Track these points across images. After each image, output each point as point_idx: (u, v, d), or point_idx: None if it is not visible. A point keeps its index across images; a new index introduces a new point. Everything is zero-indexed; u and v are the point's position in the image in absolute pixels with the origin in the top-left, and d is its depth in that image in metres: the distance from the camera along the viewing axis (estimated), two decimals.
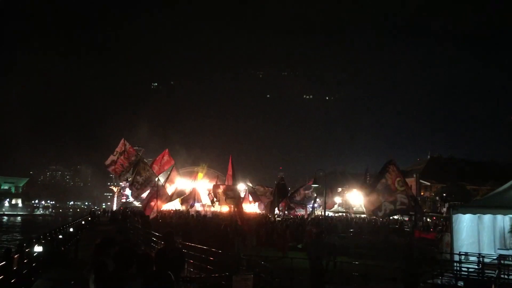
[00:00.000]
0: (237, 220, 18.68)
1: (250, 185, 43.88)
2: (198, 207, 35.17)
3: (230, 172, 24.99)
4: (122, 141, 22.14)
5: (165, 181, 25.62)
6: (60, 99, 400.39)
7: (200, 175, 42.48)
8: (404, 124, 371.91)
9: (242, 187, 48.75)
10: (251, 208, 45.01)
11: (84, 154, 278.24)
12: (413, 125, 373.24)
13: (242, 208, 24.67)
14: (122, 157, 21.34)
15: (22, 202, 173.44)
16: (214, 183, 30.98)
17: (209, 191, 32.83)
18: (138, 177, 21.03)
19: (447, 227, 21.86)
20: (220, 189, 21.80)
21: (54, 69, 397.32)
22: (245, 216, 27.21)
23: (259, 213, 39.25)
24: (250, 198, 40.77)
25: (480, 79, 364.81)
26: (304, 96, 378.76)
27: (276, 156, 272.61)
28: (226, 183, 25.04)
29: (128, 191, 54.82)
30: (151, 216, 22.18)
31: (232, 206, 23.08)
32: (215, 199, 28.25)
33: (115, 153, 21.67)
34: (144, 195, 23.83)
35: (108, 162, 22.00)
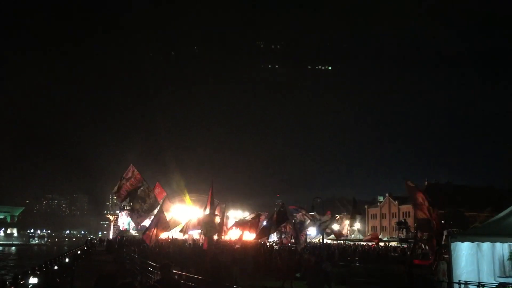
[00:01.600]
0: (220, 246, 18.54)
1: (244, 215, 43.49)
2: (195, 235, 34.82)
3: (209, 198, 24.49)
4: (130, 166, 21.96)
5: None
6: (56, 129, 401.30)
7: (188, 200, 42.20)
8: (401, 151, 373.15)
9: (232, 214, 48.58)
10: (248, 235, 44.67)
11: (80, 183, 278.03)
12: (410, 151, 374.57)
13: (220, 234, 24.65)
14: (128, 183, 21.18)
15: (18, 232, 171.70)
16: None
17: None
18: (142, 204, 20.85)
19: (440, 255, 21.74)
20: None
21: (49, 98, 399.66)
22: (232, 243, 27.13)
23: (256, 241, 38.91)
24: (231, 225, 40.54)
25: (478, 105, 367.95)
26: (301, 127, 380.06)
27: (275, 183, 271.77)
28: (204, 210, 24.78)
29: (124, 219, 54.31)
30: (150, 244, 21.94)
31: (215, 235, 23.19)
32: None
33: (121, 179, 21.51)
34: (144, 223, 23.60)
35: (115, 189, 21.85)
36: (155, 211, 21.87)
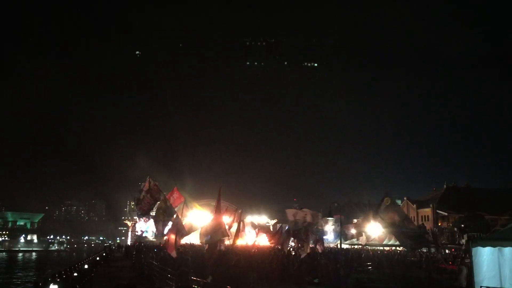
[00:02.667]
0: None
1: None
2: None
3: (216, 205, 24.43)
4: (147, 179, 22.19)
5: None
6: (74, 136, 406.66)
7: (198, 207, 42.24)
8: (419, 154, 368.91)
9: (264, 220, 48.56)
10: (263, 240, 44.65)
11: (98, 189, 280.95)
12: (428, 154, 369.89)
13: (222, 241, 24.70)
14: (148, 195, 21.43)
15: (37, 238, 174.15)
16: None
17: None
18: (164, 214, 21.07)
19: (463, 259, 21.36)
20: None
21: (66, 107, 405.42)
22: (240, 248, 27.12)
23: (271, 246, 38.80)
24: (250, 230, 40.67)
25: (497, 107, 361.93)
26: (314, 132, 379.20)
27: (291, 189, 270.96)
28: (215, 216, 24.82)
29: (142, 225, 54.74)
30: (174, 255, 21.88)
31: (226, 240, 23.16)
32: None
33: (141, 191, 21.80)
34: (165, 231, 23.79)
35: (134, 202, 22.23)
36: (174, 216, 22.01)
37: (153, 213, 22.52)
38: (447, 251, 45.33)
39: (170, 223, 22.30)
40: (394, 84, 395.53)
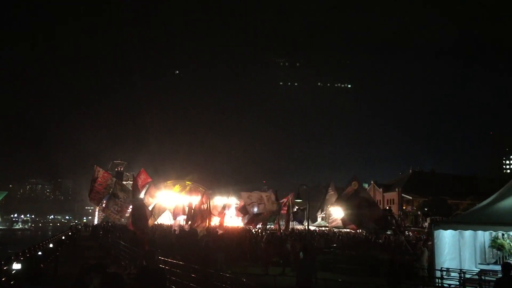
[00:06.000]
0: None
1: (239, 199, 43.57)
2: (181, 221, 34.74)
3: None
4: (95, 168, 21.95)
5: (145, 197, 25.23)
6: (41, 113, 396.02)
7: (176, 188, 41.95)
8: (386, 139, 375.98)
9: (233, 201, 48.61)
10: (234, 221, 44.83)
11: (65, 167, 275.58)
12: (395, 139, 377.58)
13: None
14: (96, 184, 21.10)
15: (1, 216, 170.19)
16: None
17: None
18: (117, 200, 20.74)
19: (425, 241, 21.93)
20: None
21: (35, 81, 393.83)
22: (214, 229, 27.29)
23: (241, 227, 39.02)
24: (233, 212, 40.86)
25: (462, 94, 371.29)
26: (290, 109, 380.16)
27: (260, 170, 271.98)
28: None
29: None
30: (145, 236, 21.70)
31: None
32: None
33: (91, 182, 21.51)
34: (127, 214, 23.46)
35: (88, 193, 21.88)
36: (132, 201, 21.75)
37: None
38: (410, 233, 46.54)
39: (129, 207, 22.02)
40: (360, 71, 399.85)
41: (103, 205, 22.44)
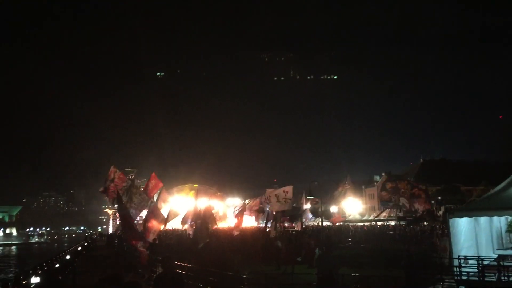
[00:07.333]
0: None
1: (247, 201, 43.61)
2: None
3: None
4: (111, 168, 22.08)
5: (157, 202, 25.34)
6: (49, 124, 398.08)
7: (191, 193, 42.04)
8: (396, 130, 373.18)
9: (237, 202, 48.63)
10: (249, 221, 44.84)
11: (77, 178, 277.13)
12: (404, 130, 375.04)
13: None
14: (112, 184, 21.25)
15: (17, 231, 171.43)
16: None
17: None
18: (132, 204, 20.86)
19: (443, 231, 21.79)
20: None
21: (44, 94, 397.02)
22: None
23: (256, 227, 39.02)
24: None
25: (469, 80, 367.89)
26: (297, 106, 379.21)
27: (270, 170, 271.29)
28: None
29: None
30: (151, 238, 21.89)
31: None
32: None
33: (106, 180, 21.65)
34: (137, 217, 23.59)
35: (101, 189, 22.05)
36: (146, 206, 21.88)
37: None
38: (425, 223, 46.30)
39: (145, 211, 22.16)
40: (367, 60, 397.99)
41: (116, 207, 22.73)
